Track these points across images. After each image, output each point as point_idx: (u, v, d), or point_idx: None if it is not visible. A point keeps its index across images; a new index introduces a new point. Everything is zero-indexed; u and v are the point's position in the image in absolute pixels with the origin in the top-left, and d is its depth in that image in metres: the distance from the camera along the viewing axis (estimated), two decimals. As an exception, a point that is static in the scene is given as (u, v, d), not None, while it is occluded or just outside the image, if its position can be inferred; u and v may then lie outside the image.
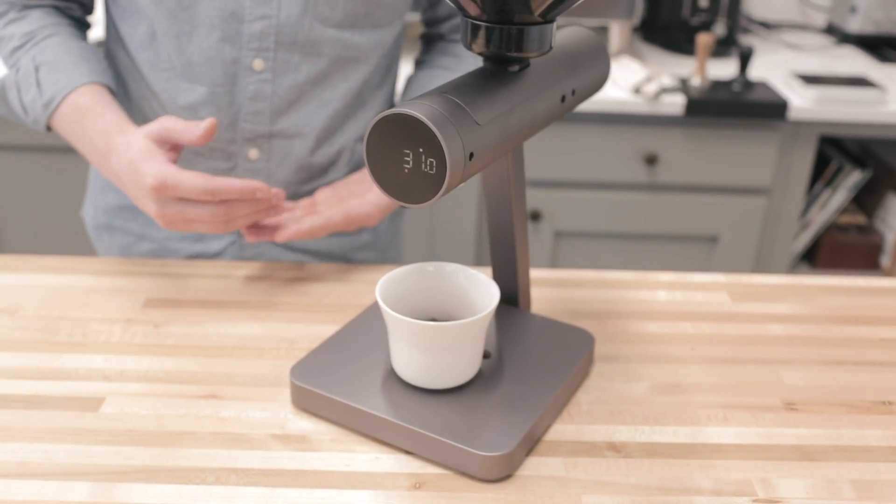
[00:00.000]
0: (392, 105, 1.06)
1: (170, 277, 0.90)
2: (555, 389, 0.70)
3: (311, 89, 0.94)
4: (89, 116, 0.86)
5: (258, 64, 0.91)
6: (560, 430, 0.70)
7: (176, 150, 0.83)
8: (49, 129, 0.91)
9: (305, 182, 1.00)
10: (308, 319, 0.84)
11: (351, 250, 1.06)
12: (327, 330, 0.82)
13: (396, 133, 0.57)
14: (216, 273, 0.91)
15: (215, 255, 1.02)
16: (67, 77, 0.88)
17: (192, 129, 0.80)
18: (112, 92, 0.91)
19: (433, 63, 1.06)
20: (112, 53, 0.99)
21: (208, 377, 0.75)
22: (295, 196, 1.00)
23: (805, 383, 0.77)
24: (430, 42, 1.11)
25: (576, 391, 0.74)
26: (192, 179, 0.78)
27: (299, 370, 0.71)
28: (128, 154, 0.81)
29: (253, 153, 0.96)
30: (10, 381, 0.73)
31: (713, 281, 0.93)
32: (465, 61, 1.05)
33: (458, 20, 1.06)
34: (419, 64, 1.09)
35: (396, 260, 1.17)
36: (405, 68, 1.76)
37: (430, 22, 1.09)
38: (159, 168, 0.78)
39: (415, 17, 1.95)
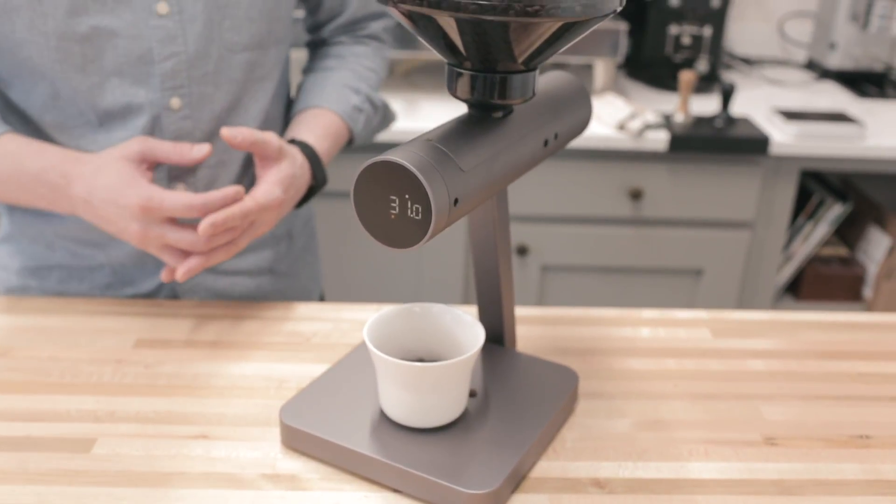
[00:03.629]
0: (288, 118, 1.07)
1: (160, 317, 0.91)
2: (540, 427, 0.71)
3: (227, 117, 0.95)
4: (28, 157, 0.86)
5: (175, 102, 0.91)
6: (545, 467, 0.71)
7: (151, 170, 0.86)
8: None
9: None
10: (297, 358, 0.85)
11: (274, 262, 1.08)
12: (316, 369, 0.83)
13: (383, 179, 0.58)
14: (206, 313, 0.93)
15: (150, 295, 1.01)
16: None
17: (181, 151, 0.85)
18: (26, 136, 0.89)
19: (318, 66, 1.08)
20: (7, 122, 0.95)
21: (199, 417, 0.76)
22: None
23: (785, 418, 0.79)
24: (315, 49, 1.13)
25: (560, 428, 0.76)
26: (176, 197, 0.81)
27: (289, 410, 0.72)
28: (103, 178, 0.82)
29: (180, 188, 0.95)
30: (1, 424, 0.74)
31: (695, 317, 0.95)
32: (347, 61, 1.07)
33: (338, 22, 1.09)
34: (306, 71, 1.11)
35: (314, 265, 1.18)
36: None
37: (312, 28, 1.11)
38: (143, 189, 0.81)
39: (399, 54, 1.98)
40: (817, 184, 2.11)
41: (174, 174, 0.94)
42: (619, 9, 0.62)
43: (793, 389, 0.83)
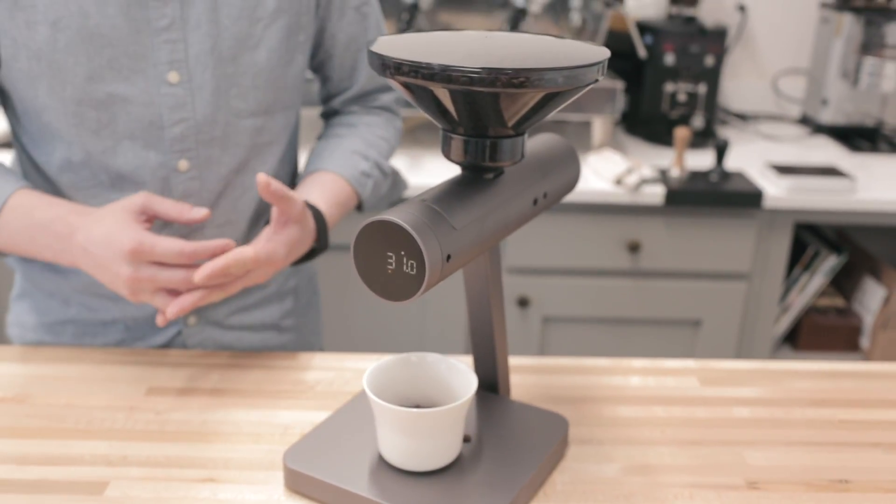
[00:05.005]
0: (296, 179, 1.12)
1: (171, 367, 0.96)
2: (530, 471, 0.75)
3: (235, 178, 1.01)
4: (38, 209, 0.91)
5: (183, 164, 0.96)
6: (536, 510, 0.74)
7: (150, 222, 0.90)
8: None
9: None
10: (301, 406, 0.89)
11: (280, 318, 1.13)
12: (318, 416, 0.87)
13: (380, 237, 0.63)
14: (214, 363, 0.97)
15: (162, 348, 1.05)
16: None
17: (181, 211, 0.89)
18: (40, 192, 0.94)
19: (329, 133, 1.14)
20: (29, 180, 1.01)
21: (206, 461, 0.80)
22: None
23: (767, 463, 0.82)
24: (328, 118, 1.19)
25: (551, 472, 0.79)
26: (167, 242, 0.85)
27: (292, 454, 0.76)
28: (101, 226, 0.86)
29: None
30: (19, 467, 0.78)
31: (684, 367, 0.99)
32: (359, 129, 1.13)
33: (347, 95, 1.15)
34: (319, 139, 1.16)
35: (316, 319, 1.22)
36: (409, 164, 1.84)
37: (325, 98, 1.17)
38: (136, 233, 0.85)
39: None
40: (812, 236, 2.15)
41: (183, 233, 0.99)
42: (600, 79, 0.67)
43: (776, 436, 0.87)
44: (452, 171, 1.84)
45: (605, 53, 0.68)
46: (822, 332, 2.09)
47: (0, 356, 0.97)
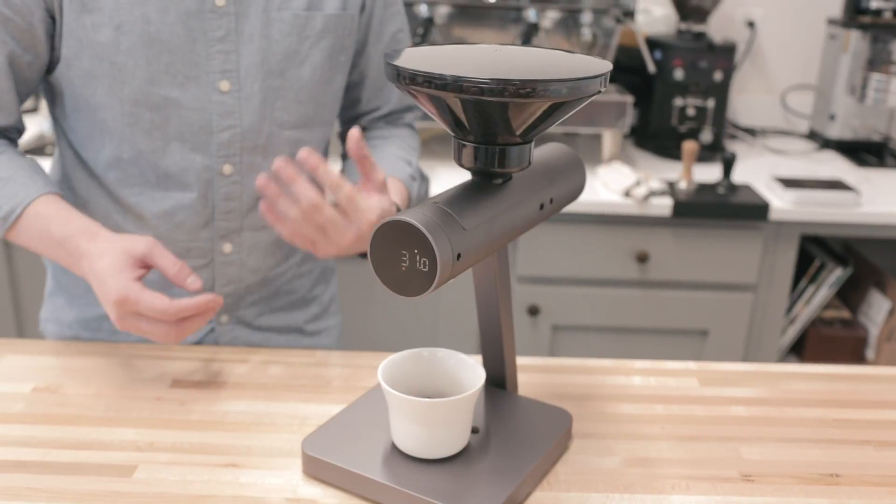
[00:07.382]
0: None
1: (195, 361, 1.00)
2: (534, 460, 0.79)
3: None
4: (55, 222, 0.94)
5: (227, 168, 1.02)
6: (539, 497, 0.79)
7: (147, 269, 0.91)
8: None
9: (273, 267, 1.12)
10: (318, 399, 0.94)
11: (304, 322, 1.19)
12: (335, 408, 0.92)
13: (395, 236, 0.68)
14: (236, 358, 1.02)
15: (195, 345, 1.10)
16: (25, 190, 0.95)
17: (178, 273, 0.89)
18: (63, 199, 0.98)
19: (369, 144, 1.16)
20: (71, 177, 1.07)
21: (229, 448, 0.84)
22: (266, 280, 1.12)
23: (761, 458, 0.86)
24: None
25: (555, 463, 0.83)
26: (151, 300, 0.86)
27: (310, 442, 0.81)
28: (101, 262, 0.89)
29: (227, 247, 1.07)
30: (52, 451, 0.83)
31: (684, 368, 1.03)
32: (393, 140, 1.17)
33: (378, 114, 1.19)
34: (347, 155, 1.19)
35: (338, 325, 1.27)
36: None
37: (351, 118, 1.21)
38: (124, 285, 0.86)
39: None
40: (818, 248, 2.19)
41: (221, 233, 1.05)
42: (603, 90, 0.72)
43: (771, 433, 0.91)
44: (464, 180, 1.88)
45: (608, 66, 0.73)
46: (828, 344, 2.12)
47: (34, 350, 1.02)
